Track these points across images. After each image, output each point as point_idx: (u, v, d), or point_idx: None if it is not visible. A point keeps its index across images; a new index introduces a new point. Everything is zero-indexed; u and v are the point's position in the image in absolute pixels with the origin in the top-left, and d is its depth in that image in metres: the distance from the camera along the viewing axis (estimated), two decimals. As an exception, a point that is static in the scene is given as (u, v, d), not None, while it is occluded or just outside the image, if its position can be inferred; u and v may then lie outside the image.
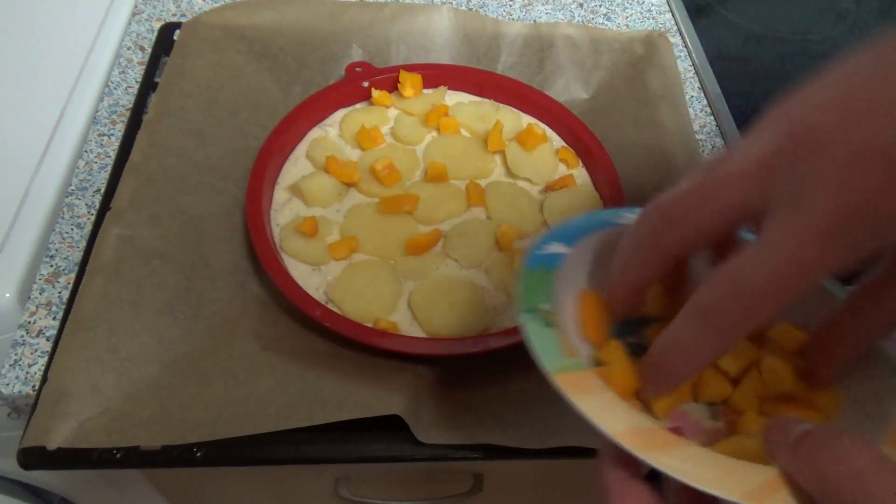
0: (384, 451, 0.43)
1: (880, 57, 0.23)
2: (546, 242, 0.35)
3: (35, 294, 0.49)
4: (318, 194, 0.52)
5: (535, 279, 0.33)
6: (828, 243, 0.23)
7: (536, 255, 0.34)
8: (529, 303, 0.31)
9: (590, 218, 0.37)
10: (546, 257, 0.34)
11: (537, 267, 0.33)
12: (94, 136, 0.58)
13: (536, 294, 0.32)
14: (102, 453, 0.40)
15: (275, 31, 0.62)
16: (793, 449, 0.24)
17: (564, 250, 0.35)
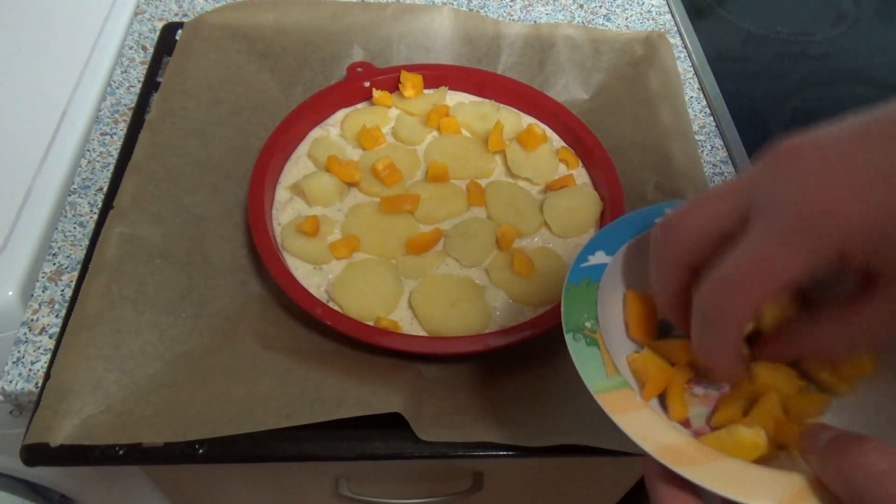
0: (385, 448, 0.43)
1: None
2: (589, 252, 0.37)
3: (38, 292, 0.49)
4: (319, 194, 0.52)
5: (579, 295, 0.35)
6: (791, 244, 0.25)
7: (579, 268, 0.36)
8: (573, 322, 0.33)
9: (631, 219, 0.39)
10: (590, 269, 0.36)
11: (580, 282, 0.35)
12: (97, 135, 0.58)
13: (580, 311, 0.34)
14: (105, 450, 0.40)
15: (276, 31, 0.62)
16: (821, 454, 0.26)
17: (607, 259, 0.37)
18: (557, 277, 0.49)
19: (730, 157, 0.62)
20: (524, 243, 0.52)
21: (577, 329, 0.33)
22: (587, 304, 0.34)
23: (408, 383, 0.44)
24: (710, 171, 0.60)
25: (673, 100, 0.61)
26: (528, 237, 0.52)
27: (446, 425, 0.42)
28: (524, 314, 0.48)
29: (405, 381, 0.44)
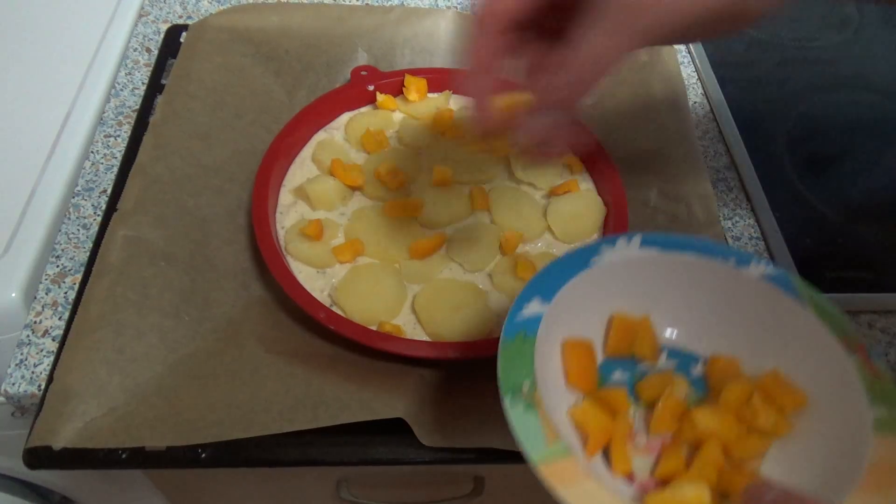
0: (387, 453, 0.43)
1: None
2: (525, 300, 0.36)
3: (41, 294, 0.49)
4: (323, 197, 0.52)
5: (515, 352, 0.34)
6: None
7: (514, 322, 0.35)
8: (510, 383, 0.33)
9: (566, 262, 0.39)
10: (525, 322, 0.35)
11: (515, 337, 0.34)
12: (101, 138, 0.58)
13: (517, 370, 0.33)
14: (108, 453, 0.40)
15: (281, 35, 0.62)
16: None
17: (543, 308, 0.36)
18: None
19: (732, 163, 0.62)
20: (527, 248, 0.52)
21: (514, 391, 0.32)
22: (524, 363, 0.34)
23: (410, 388, 0.44)
24: (713, 176, 0.60)
25: (676, 105, 0.61)
26: (531, 242, 0.52)
27: (449, 431, 0.42)
28: (527, 319, 0.48)
29: (408, 385, 0.44)
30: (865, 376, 0.35)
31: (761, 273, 0.39)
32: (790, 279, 0.39)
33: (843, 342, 0.37)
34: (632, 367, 0.40)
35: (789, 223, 0.56)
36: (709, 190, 0.55)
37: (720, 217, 0.57)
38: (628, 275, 0.40)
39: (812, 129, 0.65)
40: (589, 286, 0.38)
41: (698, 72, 0.69)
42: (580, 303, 0.38)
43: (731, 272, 0.40)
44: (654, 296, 0.41)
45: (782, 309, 0.39)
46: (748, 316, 0.40)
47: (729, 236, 0.56)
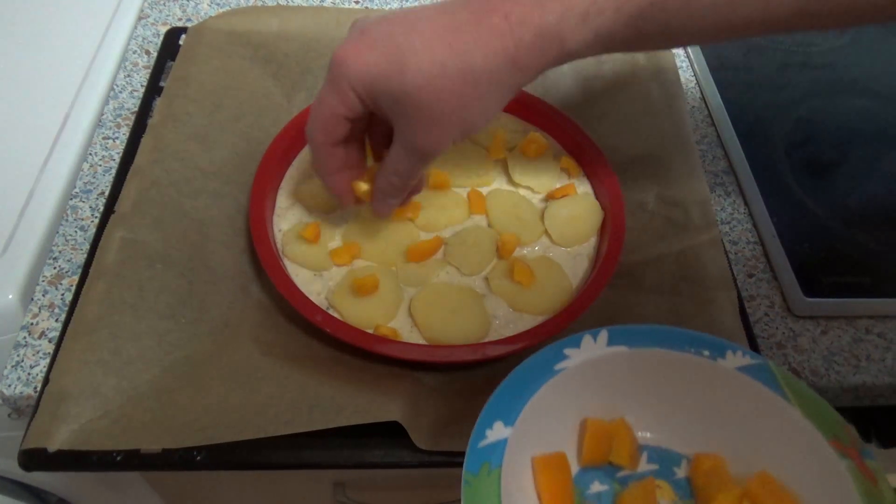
0: (383, 457, 0.43)
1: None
2: (486, 426, 0.34)
3: (38, 296, 0.49)
4: (320, 200, 0.52)
5: (478, 490, 0.32)
6: (330, 85, 0.41)
7: (476, 451, 0.33)
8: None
9: (527, 371, 0.36)
10: (488, 450, 0.33)
11: (479, 471, 0.32)
12: (99, 139, 0.58)
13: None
14: (103, 456, 0.40)
15: (280, 37, 0.62)
16: None
17: (506, 432, 0.34)
18: (558, 287, 0.49)
19: (731, 167, 0.62)
20: (525, 252, 0.52)
21: None
22: (491, 498, 0.31)
23: (407, 391, 0.44)
24: (711, 180, 0.60)
25: (674, 109, 0.61)
26: (528, 246, 0.52)
27: (445, 434, 0.42)
28: (524, 323, 0.48)
29: (404, 389, 0.44)
30: (860, 482, 0.33)
31: (738, 364, 0.38)
32: (770, 370, 0.37)
33: (833, 443, 0.35)
34: (610, 475, 0.39)
35: (787, 228, 0.56)
36: (706, 194, 0.55)
37: (718, 222, 0.57)
38: (597, 376, 0.38)
39: (810, 134, 0.65)
40: (556, 394, 0.36)
41: (696, 76, 0.69)
42: (548, 413, 0.36)
43: (706, 365, 0.38)
44: (627, 395, 0.39)
45: (764, 403, 0.37)
46: (729, 410, 0.38)
47: (726, 240, 0.56)
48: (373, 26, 0.39)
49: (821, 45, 0.74)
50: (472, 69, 0.37)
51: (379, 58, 0.38)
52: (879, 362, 0.50)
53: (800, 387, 0.37)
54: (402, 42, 0.37)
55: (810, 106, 0.67)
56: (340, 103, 0.40)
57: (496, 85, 0.38)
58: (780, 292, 0.53)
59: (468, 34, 0.37)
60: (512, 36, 0.37)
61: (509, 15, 0.36)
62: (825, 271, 0.54)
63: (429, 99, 0.37)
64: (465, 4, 0.38)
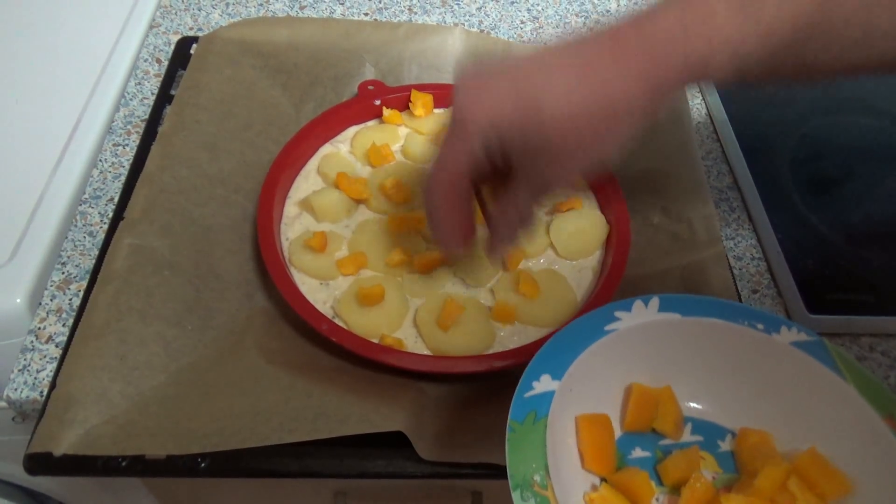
0: (385, 466, 0.43)
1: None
2: (534, 377, 0.34)
3: (46, 300, 0.49)
4: (327, 210, 0.52)
5: (524, 437, 0.32)
6: (457, 138, 0.39)
7: (523, 399, 0.33)
8: (520, 476, 0.30)
9: (577, 330, 0.36)
10: (535, 400, 0.33)
11: (525, 419, 0.32)
12: (109, 146, 0.59)
13: (527, 460, 0.31)
14: (108, 461, 0.41)
15: (290, 48, 0.63)
16: None
17: (554, 385, 0.34)
18: (562, 299, 0.49)
19: (735, 183, 0.62)
20: (530, 264, 0.52)
21: (525, 485, 0.30)
22: (535, 450, 0.31)
23: (411, 402, 0.44)
24: (716, 196, 0.61)
25: (680, 125, 0.61)
26: (533, 258, 0.52)
27: (448, 445, 0.42)
28: (528, 335, 0.48)
29: (408, 399, 0.44)
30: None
31: (793, 339, 0.37)
32: (825, 347, 0.37)
33: (888, 421, 0.34)
34: (653, 442, 0.38)
35: (791, 244, 0.56)
36: (711, 210, 0.56)
37: (722, 237, 0.57)
38: (647, 342, 0.38)
39: (815, 151, 0.65)
40: (604, 356, 0.36)
41: (702, 92, 0.70)
42: (595, 374, 0.36)
43: (760, 338, 0.37)
44: (675, 364, 0.39)
45: (818, 380, 0.36)
46: (780, 386, 0.38)
47: (731, 256, 0.56)
48: (491, 73, 0.38)
49: (826, 63, 0.75)
50: (612, 103, 0.36)
51: (509, 103, 0.36)
52: (883, 380, 0.50)
53: (855, 365, 0.36)
54: (534, 83, 0.36)
55: (816, 123, 0.68)
56: (468, 159, 0.39)
57: (635, 115, 0.37)
58: (784, 308, 0.53)
59: (607, 68, 0.36)
60: (654, 66, 0.35)
61: (652, 47, 0.35)
62: (829, 288, 0.54)
63: (566, 137, 0.36)
64: (597, 41, 0.37)
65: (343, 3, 0.73)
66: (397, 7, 0.74)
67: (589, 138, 0.37)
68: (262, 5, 0.72)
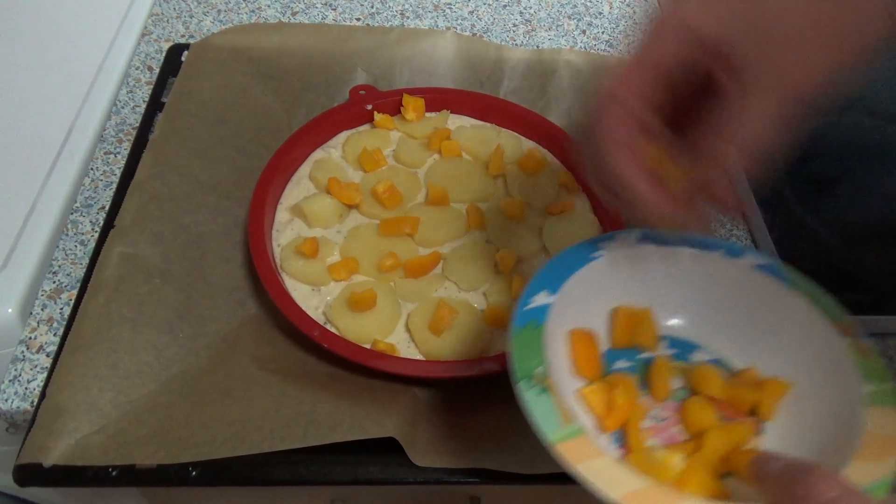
0: (378, 473, 0.43)
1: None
2: (532, 293, 0.38)
3: (37, 310, 0.49)
4: (319, 215, 0.52)
5: (526, 340, 0.35)
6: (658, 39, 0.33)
7: (523, 311, 0.37)
8: (523, 369, 0.34)
9: (568, 256, 0.41)
10: (534, 311, 0.37)
11: (526, 325, 0.36)
12: (101, 155, 0.59)
13: (529, 356, 0.35)
14: (98, 471, 0.40)
15: (281, 54, 0.63)
16: (773, 484, 0.29)
17: (550, 299, 0.38)
18: None
19: (730, 184, 0.61)
20: (523, 267, 0.52)
21: (527, 376, 0.34)
22: (534, 349, 0.35)
23: (403, 407, 0.44)
24: (710, 197, 0.60)
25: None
26: (526, 262, 0.52)
27: (441, 451, 0.42)
28: (522, 339, 0.47)
29: (401, 405, 0.44)
30: (858, 356, 0.38)
31: (753, 263, 0.42)
32: (781, 268, 0.41)
33: (835, 325, 0.39)
34: (633, 356, 0.42)
35: (787, 245, 0.56)
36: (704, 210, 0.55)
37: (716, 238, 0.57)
38: (628, 268, 0.42)
39: (811, 151, 0.65)
40: (591, 279, 0.40)
41: (696, 93, 0.69)
42: (584, 295, 0.40)
43: (725, 263, 0.42)
44: (653, 288, 0.42)
45: (776, 296, 0.41)
46: (744, 303, 0.42)
47: (726, 257, 0.56)
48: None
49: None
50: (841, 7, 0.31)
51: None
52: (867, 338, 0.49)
53: (807, 283, 0.41)
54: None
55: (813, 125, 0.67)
56: (672, 52, 0.32)
57: (865, 14, 0.32)
58: (780, 309, 0.53)
59: None
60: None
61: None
62: (825, 288, 0.53)
63: (805, 17, 0.31)
64: None
65: (335, 8, 0.73)
66: (389, 12, 0.74)
67: (825, 24, 0.31)
68: (254, 12, 0.72)
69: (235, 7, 0.72)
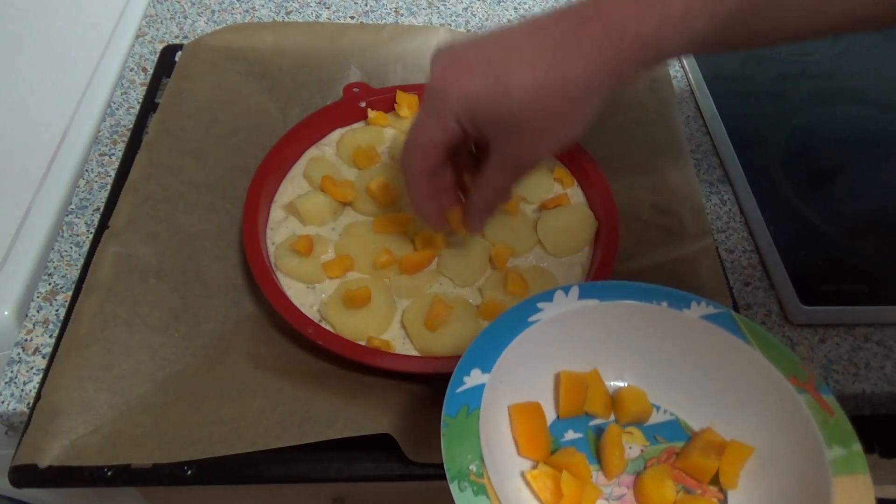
0: (375, 470, 0.43)
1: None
2: (464, 373, 0.35)
3: (33, 312, 0.49)
4: (313, 213, 0.52)
5: (459, 430, 0.33)
6: (430, 111, 0.41)
7: (454, 395, 0.34)
8: (456, 467, 0.31)
9: (503, 323, 0.38)
10: (466, 394, 0.34)
11: (458, 413, 0.33)
12: (95, 156, 0.59)
13: (462, 451, 0.32)
14: (94, 471, 0.40)
15: (275, 53, 0.63)
16: None
17: (484, 378, 0.35)
18: None
19: (726, 176, 0.61)
20: (518, 262, 0.51)
21: (461, 476, 0.31)
22: (469, 441, 0.32)
23: (399, 404, 0.43)
24: (706, 189, 0.60)
25: (668, 119, 0.61)
26: (521, 256, 0.52)
27: (437, 446, 0.42)
28: (517, 334, 0.47)
29: (396, 401, 0.44)
30: (818, 414, 0.35)
31: (702, 313, 0.39)
32: (732, 318, 0.39)
33: (791, 380, 0.36)
34: (584, 423, 0.40)
35: (784, 236, 0.56)
36: (700, 203, 0.55)
37: (714, 230, 0.56)
38: (570, 329, 0.39)
39: (807, 143, 0.65)
40: (530, 346, 0.38)
41: (691, 86, 0.69)
42: (524, 364, 0.38)
43: (672, 314, 0.39)
44: (599, 347, 0.40)
45: (728, 350, 0.38)
46: (694, 357, 0.40)
47: (723, 249, 0.56)
48: (466, 51, 0.40)
49: (817, 53, 0.74)
50: (574, 82, 0.38)
51: (481, 80, 0.38)
52: (879, 370, 0.49)
53: (761, 333, 0.38)
54: (503, 63, 0.38)
55: (807, 115, 0.67)
56: (441, 130, 0.40)
57: (595, 94, 0.39)
58: (778, 301, 0.53)
59: (568, 49, 0.38)
60: (611, 47, 0.37)
61: (608, 27, 0.37)
62: (822, 279, 0.53)
63: (533, 115, 0.38)
64: (559, 21, 0.39)
65: (329, 7, 0.73)
66: (383, 10, 0.73)
67: (555, 116, 0.39)
68: (248, 12, 0.72)
69: (229, 7, 0.72)
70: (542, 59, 0.38)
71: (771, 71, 0.72)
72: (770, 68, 0.72)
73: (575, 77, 0.38)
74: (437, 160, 0.43)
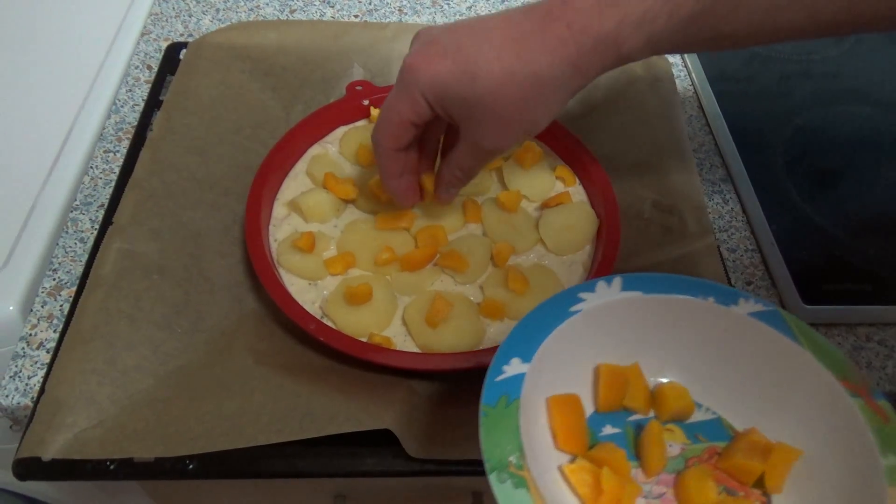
0: (376, 465, 0.43)
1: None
2: (503, 362, 0.34)
3: (37, 307, 0.49)
4: (315, 210, 0.52)
5: (498, 420, 0.32)
6: (400, 91, 0.42)
7: (494, 384, 0.33)
8: (496, 458, 0.30)
9: (543, 312, 0.36)
10: (506, 383, 0.33)
11: (497, 402, 0.32)
12: (100, 153, 0.59)
13: (502, 442, 0.31)
14: (96, 465, 0.41)
15: (278, 51, 0.63)
16: None
17: (523, 367, 0.34)
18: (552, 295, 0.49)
19: (729, 175, 0.61)
20: (519, 260, 0.52)
21: (501, 467, 0.30)
22: (508, 432, 0.31)
23: (400, 400, 0.44)
24: (709, 188, 0.60)
25: (670, 118, 0.61)
26: (523, 254, 0.52)
27: (437, 443, 0.42)
28: (518, 331, 0.47)
29: (397, 397, 0.44)
30: (872, 421, 0.33)
31: (750, 310, 0.38)
32: (781, 316, 0.38)
33: (844, 384, 0.35)
34: (622, 419, 0.39)
35: (786, 235, 0.55)
36: (702, 202, 0.55)
37: (715, 229, 0.56)
38: (612, 321, 0.38)
39: (810, 142, 0.64)
40: (571, 337, 0.37)
41: (694, 85, 0.69)
42: (563, 356, 0.37)
43: (719, 311, 0.38)
44: (641, 340, 0.39)
45: (776, 349, 0.37)
46: (741, 355, 0.38)
47: (724, 248, 0.56)
48: (441, 36, 0.41)
49: (820, 53, 0.74)
50: (538, 75, 0.39)
51: (450, 65, 0.40)
52: (880, 370, 0.49)
53: (811, 333, 0.37)
54: (473, 51, 0.40)
55: (810, 114, 0.67)
56: (410, 109, 0.42)
57: (559, 88, 0.40)
58: (779, 300, 0.53)
59: (534, 42, 0.39)
60: (574, 43, 0.39)
61: (571, 24, 0.38)
62: (824, 279, 0.53)
63: (498, 103, 0.40)
64: (528, 15, 0.40)
65: (333, 6, 0.74)
66: (387, 8, 0.74)
67: (520, 106, 0.40)
68: (253, 10, 0.72)
69: (234, 6, 0.73)
70: (510, 50, 0.39)
71: (774, 70, 0.72)
72: (773, 68, 0.72)
73: (539, 70, 0.39)
74: (406, 138, 0.44)
